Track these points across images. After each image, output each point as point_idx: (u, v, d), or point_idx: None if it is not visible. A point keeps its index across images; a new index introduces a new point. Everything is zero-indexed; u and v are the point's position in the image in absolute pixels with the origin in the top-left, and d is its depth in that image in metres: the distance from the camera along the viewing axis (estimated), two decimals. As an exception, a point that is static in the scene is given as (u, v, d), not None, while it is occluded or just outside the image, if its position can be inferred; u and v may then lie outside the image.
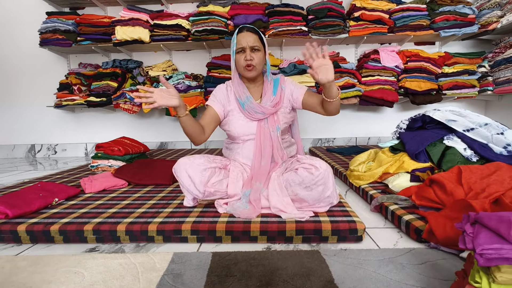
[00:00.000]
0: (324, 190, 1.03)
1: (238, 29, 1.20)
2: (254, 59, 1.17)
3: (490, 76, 2.48)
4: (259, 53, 1.18)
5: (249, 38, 1.16)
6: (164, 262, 0.84)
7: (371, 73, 2.53)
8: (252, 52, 1.17)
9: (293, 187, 1.05)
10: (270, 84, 1.27)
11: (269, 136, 1.21)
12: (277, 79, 1.30)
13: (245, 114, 1.23)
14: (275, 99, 1.23)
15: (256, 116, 1.21)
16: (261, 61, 1.20)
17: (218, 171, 1.16)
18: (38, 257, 0.90)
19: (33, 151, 3.09)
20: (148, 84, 2.65)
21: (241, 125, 1.22)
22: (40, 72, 2.95)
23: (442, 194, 1.02)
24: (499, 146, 1.21)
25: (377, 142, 2.93)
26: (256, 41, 1.17)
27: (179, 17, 2.52)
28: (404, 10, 2.44)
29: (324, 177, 1.02)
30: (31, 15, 2.84)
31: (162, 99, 1.04)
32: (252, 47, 1.16)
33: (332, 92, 1.10)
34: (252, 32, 1.18)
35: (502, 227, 0.51)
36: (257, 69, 1.19)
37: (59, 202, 1.26)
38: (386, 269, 0.78)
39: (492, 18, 2.36)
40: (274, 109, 1.22)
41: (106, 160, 1.95)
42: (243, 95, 1.23)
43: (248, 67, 1.18)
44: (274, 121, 1.22)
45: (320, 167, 1.02)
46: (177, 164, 1.12)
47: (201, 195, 1.11)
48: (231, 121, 1.24)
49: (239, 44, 1.17)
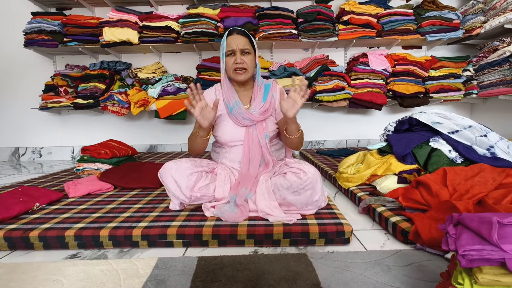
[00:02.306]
0: (312, 195, 1.02)
1: (228, 31, 1.18)
2: (245, 62, 1.15)
3: (474, 80, 2.54)
4: (250, 56, 1.17)
5: (239, 40, 1.14)
6: (147, 267, 0.81)
7: (360, 76, 2.56)
8: (243, 55, 1.15)
9: (281, 191, 1.04)
10: (260, 89, 1.24)
11: (257, 143, 1.18)
12: (269, 85, 1.26)
13: (233, 119, 1.20)
14: (264, 106, 1.20)
15: (244, 123, 1.19)
16: (252, 64, 1.18)
17: (205, 175, 1.14)
18: (15, 265, 0.86)
19: (17, 154, 3.00)
20: (137, 86, 2.62)
21: (229, 131, 1.20)
22: (24, 73, 2.88)
23: (428, 196, 1.03)
24: (483, 148, 1.23)
25: (367, 144, 2.96)
26: (246, 43, 1.16)
27: (168, 19, 2.50)
28: (391, 14, 2.49)
29: (313, 182, 1.01)
30: (16, 15, 2.77)
31: (200, 112, 1.05)
32: (243, 49, 1.15)
33: (290, 129, 1.11)
34: (243, 35, 1.16)
35: (483, 228, 0.51)
36: (248, 72, 1.17)
37: (40, 207, 1.21)
38: (373, 271, 0.78)
39: (476, 24, 2.43)
40: (262, 117, 1.19)
41: (92, 164, 1.90)
42: (232, 99, 1.21)
43: (238, 70, 1.16)
44: (262, 128, 1.19)
45: (309, 171, 1.01)
46: (163, 168, 1.10)
47: (188, 200, 1.09)
48: (219, 126, 1.23)
49: (229, 46, 1.15)
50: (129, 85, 2.66)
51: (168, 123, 2.94)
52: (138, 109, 2.51)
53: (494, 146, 1.22)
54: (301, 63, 2.66)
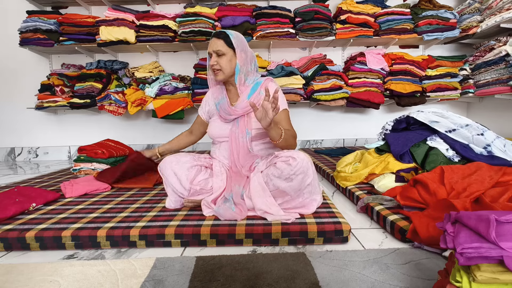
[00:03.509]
0: (304, 179, 1.00)
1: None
2: (218, 63, 1.19)
3: (471, 79, 2.55)
4: (224, 57, 1.19)
5: (213, 43, 1.19)
6: (145, 268, 0.81)
7: (358, 76, 2.57)
8: (217, 57, 1.19)
9: (274, 180, 1.03)
10: (248, 86, 1.25)
11: (239, 142, 1.19)
12: (259, 82, 1.27)
13: (218, 115, 1.26)
14: (247, 102, 1.20)
15: (228, 118, 1.22)
16: (227, 64, 1.20)
17: (204, 170, 1.18)
18: (11, 266, 0.85)
19: (13, 155, 2.97)
20: (134, 86, 2.60)
21: (216, 127, 1.27)
22: (20, 73, 2.85)
23: (425, 194, 1.03)
24: (479, 147, 1.24)
25: (364, 143, 2.97)
26: (220, 45, 1.18)
27: (165, 17, 2.48)
28: (389, 14, 2.50)
29: (303, 166, 0.99)
30: (11, 14, 2.74)
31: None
32: (216, 51, 1.19)
33: (270, 135, 1.07)
34: (218, 37, 1.19)
35: (481, 226, 0.51)
36: (223, 73, 1.21)
37: (36, 207, 1.20)
38: (371, 269, 0.78)
39: (472, 23, 2.44)
40: (242, 111, 1.20)
41: (89, 163, 1.89)
42: (219, 95, 1.28)
43: (214, 71, 1.22)
44: (244, 125, 1.20)
45: (298, 157, 1.00)
46: (163, 162, 1.14)
47: (187, 192, 1.11)
48: (210, 123, 1.32)
49: (208, 49, 1.22)
50: (126, 84, 2.64)
51: (165, 122, 2.93)
52: (135, 108, 2.49)
53: (491, 144, 1.22)
54: (298, 62, 2.66)
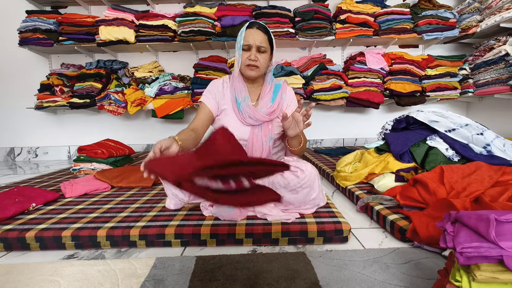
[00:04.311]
0: (309, 193, 1.02)
1: (248, 23, 1.12)
2: (259, 60, 1.11)
3: (470, 79, 2.55)
4: (265, 55, 1.13)
5: (257, 36, 1.09)
6: (145, 267, 0.81)
7: (357, 75, 2.57)
8: (258, 53, 1.11)
9: (279, 190, 1.03)
10: (270, 88, 1.20)
11: (261, 145, 1.15)
12: (279, 85, 1.22)
13: (239, 116, 1.15)
14: (272, 107, 1.16)
15: (249, 121, 1.15)
16: (266, 62, 1.14)
17: None
18: (11, 266, 0.85)
19: (13, 154, 2.97)
20: (134, 86, 2.60)
21: (234, 129, 1.12)
22: (19, 73, 2.85)
23: (425, 194, 1.03)
24: (479, 146, 1.24)
25: (364, 143, 2.97)
26: (264, 41, 1.11)
27: (165, 17, 2.48)
28: (388, 13, 2.50)
29: (310, 180, 1.00)
30: (10, 13, 2.74)
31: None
32: (259, 46, 1.10)
33: (291, 143, 1.09)
34: (262, 31, 1.11)
35: (481, 226, 0.51)
36: (260, 70, 1.14)
37: (36, 207, 1.20)
38: (371, 269, 0.78)
39: (472, 23, 2.44)
40: (269, 117, 1.15)
41: (89, 163, 1.89)
42: (241, 93, 1.16)
43: (251, 67, 1.12)
44: (268, 129, 1.15)
45: (306, 169, 1.00)
46: None
47: (187, 198, 1.09)
48: (224, 123, 1.16)
49: (246, 40, 1.10)
50: (126, 84, 2.64)
51: (165, 122, 2.93)
52: (135, 108, 2.49)
53: (491, 144, 1.22)
54: (298, 62, 2.66)
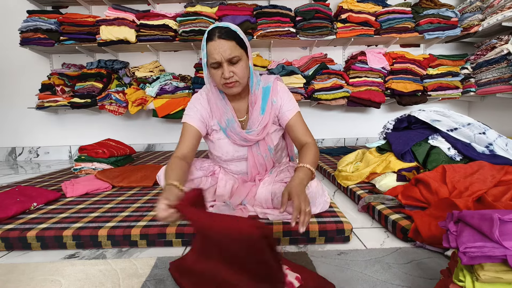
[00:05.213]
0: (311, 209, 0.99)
1: (207, 35, 0.89)
2: (235, 73, 0.90)
3: (472, 78, 2.55)
4: (241, 63, 0.91)
5: (223, 48, 0.87)
6: (146, 267, 0.81)
7: (359, 75, 2.56)
8: (231, 65, 0.90)
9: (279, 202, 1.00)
10: (258, 95, 1.03)
11: (262, 160, 1.09)
12: (268, 88, 1.03)
13: (229, 139, 1.06)
14: (263, 120, 1.02)
15: (242, 143, 1.05)
16: (245, 72, 0.93)
17: (204, 180, 1.09)
18: (12, 265, 0.85)
19: (14, 154, 2.97)
20: (135, 85, 2.60)
21: (229, 151, 1.07)
22: (20, 73, 2.85)
23: (427, 193, 1.03)
24: (481, 146, 1.23)
25: (365, 143, 2.97)
26: (233, 49, 0.88)
27: (166, 17, 2.48)
28: (389, 12, 2.49)
29: (312, 197, 0.96)
30: (11, 13, 2.74)
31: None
32: (230, 59, 0.88)
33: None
34: (226, 39, 0.87)
35: (485, 225, 0.51)
36: (242, 83, 0.94)
37: (37, 207, 1.20)
38: (373, 269, 0.77)
39: (473, 21, 2.43)
40: (261, 136, 1.03)
41: (89, 163, 1.89)
42: (223, 116, 1.01)
43: (229, 85, 0.92)
44: (265, 143, 1.06)
45: (310, 185, 0.96)
46: (161, 172, 1.07)
47: None
48: (218, 145, 1.07)
49: (212, 57, 0.88)
50: (127, 84, 2.64)
51: (166, 122, 2.93)
52: (136, 108, 2.49)
53: (493, 143, 1.22)
54: (299, 62, 2.66)
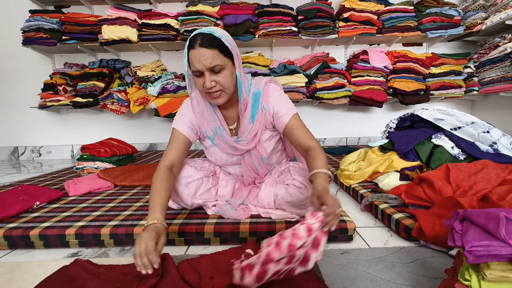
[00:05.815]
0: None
1: (188, 42, 0.86)
2: (218, 82, 0.88)
3: (475, 77, 2.53)
4: (224, 72, 0.88)
5: (203, 57, 0.84)
6: (149, 266, 0.80)
7: (361, 74, 2.55)
8: (213, 74, 0.87)
9: (283, 205, 1.01)
10: (248, 101, 0.99)
11: (255, 168, 1.08)
12: (258, 93, 0.99)
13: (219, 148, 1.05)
14: (253, 128, 0.99)
15: (233, 152, 1.04)
16: (229, 80, 0.90)
17: (206, 180, 1.09)
18: (16, 264, 0.85)
19: (16, 154, 2.99)
20: (137, 85, 2.60)
21: (224, 157, 1.08)
22: (23, 72, 2.86)
23: (431, 192, 1.02)
24: (485, 144, 1.22)
25: (367, 142, 2.96)
26: (215, 57, 0.85)
27: (167, 16, 2.48)
28: (392, 11, 2.48)
29: None
30: (13, 13, 2.75)
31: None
32: (211, 68, 0.85)
33: None
34: (208, 47, 0.84)
35: (490, 224, 0.51)
36: (227, 92, 0.91)
37: (40, 205, 1.21)
38: (376, 268, 0.77)
39: (476, 20, 2.42)
40: (252, 145, 1.01)
41: (92, 162, 1.89)
42: (211, 126, 0.99)
43: (211, 94, 0.90)
44: (257, 152, 1.05)
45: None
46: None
47: (189, 206, 1.07)
48: (211, 151, 1.08)
49: (193, 66, 0.86)
50: (129, 83, 2.64)
51: (168, 121, 2.93)
52: (138, 107, 2.49)
53: (497, 142, 1.21)
54: (301, 61, 2.65)
